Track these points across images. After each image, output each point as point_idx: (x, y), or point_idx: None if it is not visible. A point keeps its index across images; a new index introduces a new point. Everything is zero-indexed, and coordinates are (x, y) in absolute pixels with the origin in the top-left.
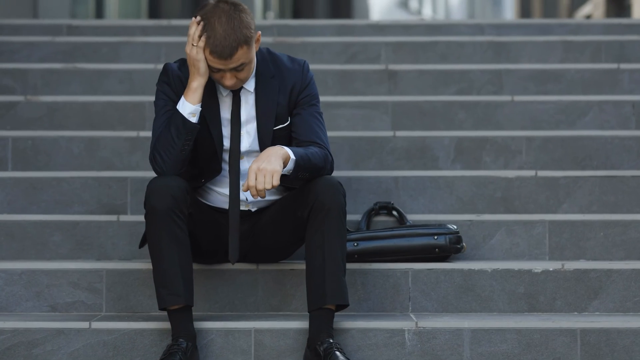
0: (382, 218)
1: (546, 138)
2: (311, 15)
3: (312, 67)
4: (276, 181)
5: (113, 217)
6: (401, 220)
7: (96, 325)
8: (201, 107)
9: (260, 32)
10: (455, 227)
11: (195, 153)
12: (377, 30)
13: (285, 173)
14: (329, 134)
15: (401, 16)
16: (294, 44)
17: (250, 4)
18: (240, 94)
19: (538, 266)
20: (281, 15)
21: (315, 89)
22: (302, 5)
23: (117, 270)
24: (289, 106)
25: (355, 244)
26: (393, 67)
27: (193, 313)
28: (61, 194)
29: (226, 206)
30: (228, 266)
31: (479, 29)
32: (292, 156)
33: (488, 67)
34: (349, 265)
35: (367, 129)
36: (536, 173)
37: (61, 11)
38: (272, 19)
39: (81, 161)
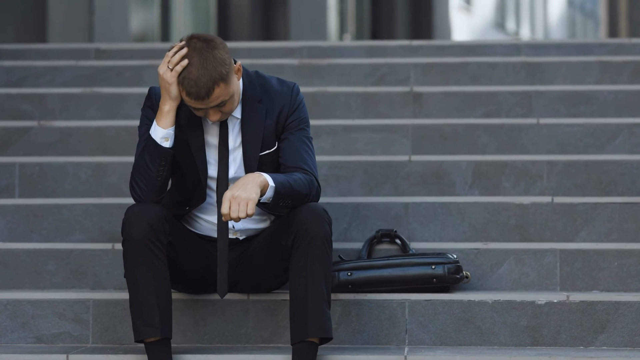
0: (384, 246)
1: (568, 162)
2: (390, 36)
3: (336, 89)
4: (251, 210)
5: (108, 246)
6: (404, 248)
7: (74, 358)
8: (185, 133)
9: (239, 61)
10: (454, 256)
11: (180, 180)
12: (409, 51)
13: (265, 201)
14: (346, 158)
15: (497, 38)
16: (320, 66)
17: (324, 27)
18: (228, 121)
19: (542, 297)
20: (358, 37)
21: (304, 112)
22: (380, 26)
23: (104, 300)
24: (277, 130)
25: (349, 274)
26: (418, 89)
27: (179, 345)
28: (62, 221)
29: (213, 234)
30: (218, 296)
31: (515, 49)
32: (271, 183)
33: (517, 88)
34: (343, 296)
35: (387, 153)
36: (552, 199)
37: (122, 35)
38: (306, 41)
39: (89, 187)
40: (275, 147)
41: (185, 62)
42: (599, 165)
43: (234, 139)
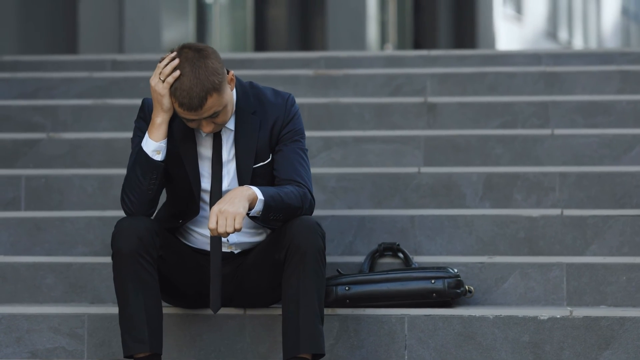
0: (387, 260)
1: (581, 174)
2: (433, 46)
3: (350, 100)
4: (238, 224)
5: (107, 259)
6: (406, 262)
7: None
8: (178, 145)
9: (232, 71)
10: (455, 270)
11: (174, 193)
12: (427, 62)
13: (255, 214)
14: (354, 170)
15: (549, 47)
16: (336, 77)
17: (363, 37)
18: (221, 132)
19: (544, 313)
20: (400, 47)
21: (299, 124)
22: (422, 36)
23: (99, 315)
24: (271, 142)
25: (347, 288)
26: (432, 99)
27: None
28: (65, 234)
29: (207, 247)
30: None
31: (535, 58)
32: (260, 196)
33: (533, 99)
34: (341, 311)
35: (398, 164)
36: (562, 212)
37: (153, 46)
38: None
39: (95, 200)
40: (270, 159)
41: (177, 73)
42: (613, 177)
43: (228, 151)
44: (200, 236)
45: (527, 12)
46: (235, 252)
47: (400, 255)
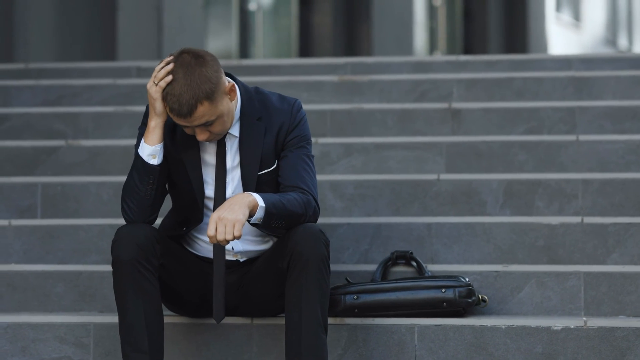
0: (400, 268)
1: (605, 181)
2: (484, 50)
3: (373, 106)
4: (237, 232)
5: None
6: (419, 271)
7: None
8: (181, 151)
9: (232, 82)
10: (467, 279)
11: (178, 200)
12: (455, 67)
13: (256, 222)
14: (372, 177)
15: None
16: (361, 83)
17: (409, 44)
18: (225, 139)
19: (558, 323)
20: (450, 53)
21: (306, 130)
22: (472, 42)
23: (105, 324)
24: (276, 149)
25: (356, 297)
26: (456, 105)
27: None
28: (78, 242)
29: (211, 255)
30: None
31: (566, 63)
32: (261, 203)
33: (560, 104)
34: (350, 320)
35: (420, 171)
36: (582, 219)
37: None
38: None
39: (110, 207)
40: (275, 166)
41: (170, 77)
42: (637, 183)
43: (232, 158)
44: (205, 244)
45: (585, 18)
46: (241, 260)
47: (414, 263)
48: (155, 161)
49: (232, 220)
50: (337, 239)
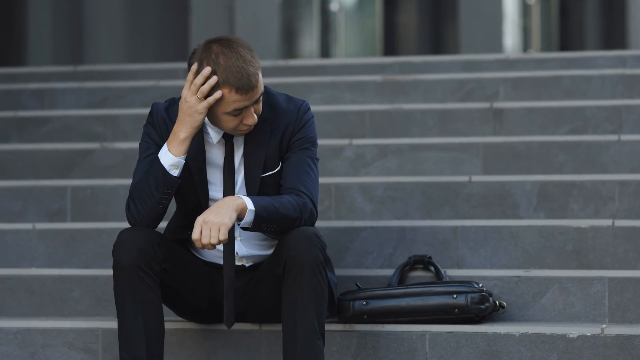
0: (418, 273)
1: None
2: (581, 48)
3: (413, 106)
4: (223, 235)
5: None
6: (437, 275)
7: None
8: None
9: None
10: (480, 285)
11: (183, 202)
12: (504, 66)
13: (246, 225)
14: (402, 179)
15: None
16: (405, 83)
17: (499, 43)
18: (233, 140)
19: (574, 330)
20: (545, 50)
21: (312, 131)
22: (569, 40)
23: (113, 330)
24: (281, 150)
25: (365, 303)
26: (499, 105)
27: None
28: (101, 246)
29: (218, 260)
30: None
31: (620, 61)
32: (250, 207)
33: (606, 103)
34: (359, 327)
35: (455, 173)
36: (613, 223)
37: (265, 54)
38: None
39: None
40: (279, 168)
41: (220, 94)
42: None
43: (239, 159)
44: None
45: None
46: (247, 265)
47: (432, 268)
48: (176, 172)
49: (218, 224)
50: (360, 243)
